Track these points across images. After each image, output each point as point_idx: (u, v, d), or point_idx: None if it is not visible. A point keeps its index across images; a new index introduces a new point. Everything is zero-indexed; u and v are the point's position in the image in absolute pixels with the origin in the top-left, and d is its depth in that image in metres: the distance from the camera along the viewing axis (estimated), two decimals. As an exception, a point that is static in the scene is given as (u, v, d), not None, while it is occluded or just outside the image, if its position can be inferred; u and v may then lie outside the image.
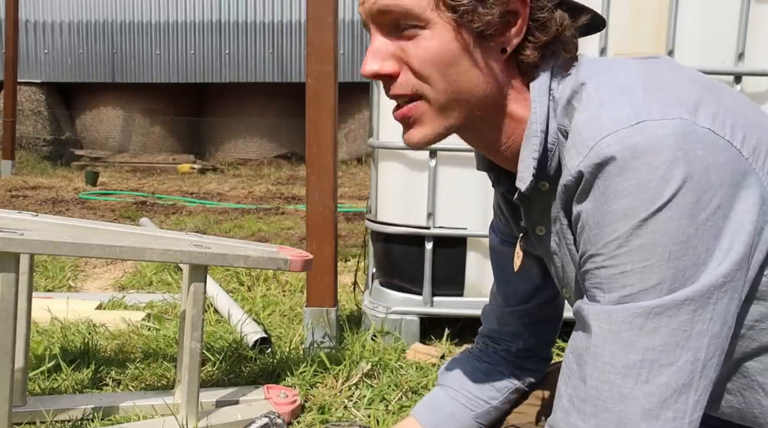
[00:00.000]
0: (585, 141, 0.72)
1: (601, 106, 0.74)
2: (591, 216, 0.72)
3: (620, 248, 0.69)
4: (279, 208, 5.78)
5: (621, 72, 0.78)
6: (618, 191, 0.68)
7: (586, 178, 0.72)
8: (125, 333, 2.21)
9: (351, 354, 1.96)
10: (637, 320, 0.69)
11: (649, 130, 0.68)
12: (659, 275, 0.68)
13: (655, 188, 0.67)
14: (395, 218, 2.20)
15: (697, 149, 0.68)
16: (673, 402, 0.68)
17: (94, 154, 10.02)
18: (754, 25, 1.99)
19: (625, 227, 0.69)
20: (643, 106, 0.71)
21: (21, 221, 1.55)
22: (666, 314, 0.68)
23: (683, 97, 0.72)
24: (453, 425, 1.15)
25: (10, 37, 7.12)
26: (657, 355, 0.68)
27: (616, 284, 0.70)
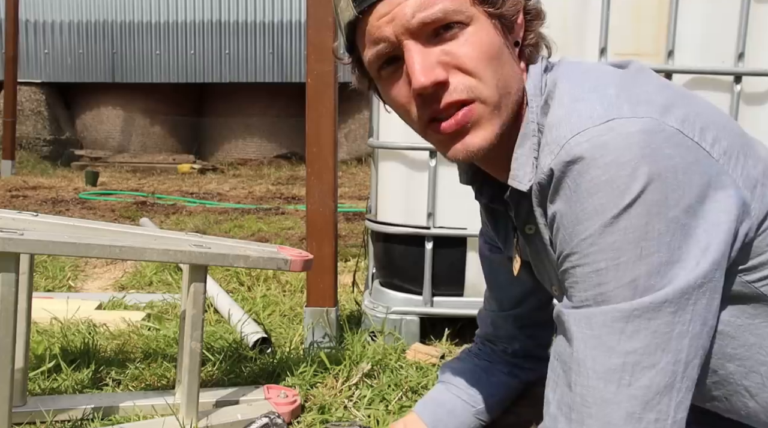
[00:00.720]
0: (556, 139, 0.73)
1: (573, 104, 0.75)
2: (564, 216, 0.72)
3: (593, 246, 0.70)
4: (279, 208, 5.78)
5: (595, 72, 0.79)
6: (588, 189, 0.69)
7: (557, 176, 0.72)
8: (125, 332, 2.21)
9: (351, 354, 1.96)
10: (617, 323, 0.69)
11: (619, 127, 0.69)
12: (633, 273, 0.68)
13: (623, 185, 0.67)
14: (395, 218, 2.20)
15: (664, 148, 0.68)
16: (656, 404, 0.68)
17: (94, 154, 10.02)
18: (754, 25, 1.99)
19: (596, 225, 0.69)
20: (615, 104, 0.72)
21: (21, 221, 1.55)
22: (645, 316, 0.68)
23: (654, 99, 0.73)
24: (453, 421, 1.15)
25: (10, 36, 7.11)
26: (638, 358, 0.68)
27: (591, 282, 0.70)
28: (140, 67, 10.45)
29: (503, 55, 0.79)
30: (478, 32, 0.77)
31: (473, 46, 0.77)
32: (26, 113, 9.91)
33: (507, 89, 0.80)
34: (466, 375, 1.18)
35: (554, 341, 0.77)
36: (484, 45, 0.77)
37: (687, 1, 1.99)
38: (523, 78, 0.83)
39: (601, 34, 1.99)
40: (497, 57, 0.78)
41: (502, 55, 0.79)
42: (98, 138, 10.78)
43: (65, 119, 10.69)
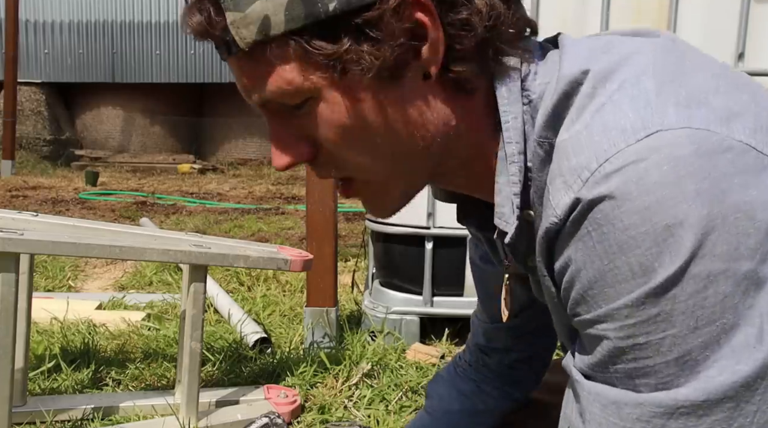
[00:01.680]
0: (575, 169, 0.53)
1: (594, 113, 0.54)
2: (584, 270, 0.54)
3: (629, 318, 0.52)
4: (279, 208, 5.78)
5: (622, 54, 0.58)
6: (621, 242, 0.50)
7: (574, 219, 0.53)
8: (125, 332, 2.21)
9: (351, 354, 1.96)
10: (656, 419, 0.51)
11: (665, 148, 0.50)
12: (683, 348, 0.50)
13: (673, 237, 0.49)
14: (395, 218, 2.20)
15: (732, 177, 0.49)
16: None
17: (94, 154, 10.02)
18: (754, 25, 1.99)
19: (636, 292, 0.51)
20: (655, 106, 0.52)
21: (21, 221, 1.55)
22: (696, 413, 0.50)
23: (710, 97, 0.53)
24: None
25: (10, 36, 7.12)
26: None
27: (625, 357, 0.53)
28: (140, 67, 10.45)
29: (373, 125, 0.59)
30: (327, 110, 0.59)
31: (325, 127, 0.60)
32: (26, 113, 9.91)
33: (393, 158, 0.62)
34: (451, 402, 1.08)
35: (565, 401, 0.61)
36: (335, 125, 0.59)
37: (687, 1, 1.99)
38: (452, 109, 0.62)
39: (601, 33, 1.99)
40: (363, 132, 0.60)
41: (371, 125, 0.59)
42: (98, 138, 10.78)
43: (65, 119, 10.69)
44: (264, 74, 0.59)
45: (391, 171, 0.64)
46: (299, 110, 0.60)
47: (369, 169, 0.63)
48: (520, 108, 0.61)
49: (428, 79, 0.59)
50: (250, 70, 0.60)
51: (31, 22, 10.25)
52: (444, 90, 0.61)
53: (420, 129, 0.61)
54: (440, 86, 0.61)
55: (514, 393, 1.06)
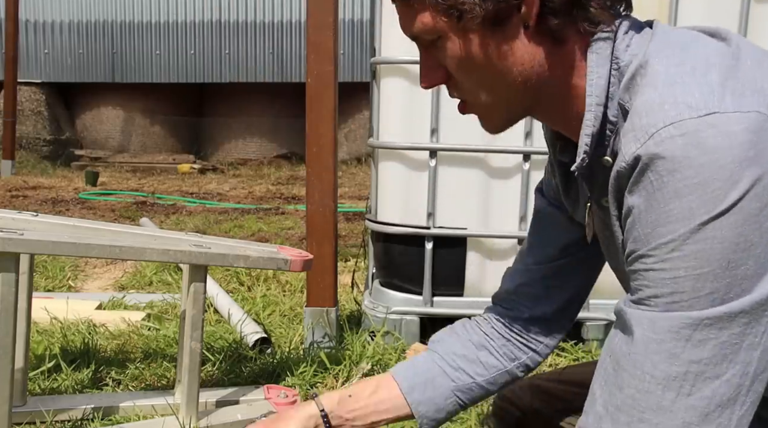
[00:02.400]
0: (645, 127, 0.66)
1: (668, 87, 0.67)
2: (644, 213, 0.66)
3: (674, 252, 0.64)
4: (279, 208, 5.78)
5: (696, 50, 0.72)
6: (677, 189, 0.63)
7: (640, 168, 0.66)
8: (125, 332, 2.21)
9: (351, 354, 1.96)
10: (684, 330, 0.64)
11: (720, 124, 0.62)
12: (713, 285, 0.63)
13: (719, 190, 0.61)
14: (395, 218, 2.20)
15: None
16: (716, 416, 0.64)
17: (94, 154, 10.02)
18: (754, 25, 1.99)
19: (681, 230, 0.63)
20: (717, 93, 0.65)
21: (21, 221, 1.55)
22: (716, 325, 0.63)
23: (764, 87, 0.66)
24: (430, 392, 1.05)
25: (10, 36, 7.11)
26: (703, 368, 0.64)
27: (665, 290, 0.65)
28: (140, 67, 10.44)
29: (485, 61, 0.78)
30: (451, 47, 0.79)
31: (450, 59, 0.80)
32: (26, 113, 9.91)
33: (499, 90, 0.80)
34: (456, 346, 1.09)
35: (610, 335, 0.73)
36: (455, 58, 0.79)
37: (687, 2, 1.99)
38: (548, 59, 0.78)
39: (601, 34, 2.00)
40: (476, 66, 0.79)
41: (483, 61, 0.78)
42: (98, 138, 10.77)
43: (65, 119, 10.69)
44: (412, 16, 0.79)
45: (492, 99, 0.82)
46: (435, 45, 0.80)
47: (476, 95, 0.82)
48: (607, 70, 0.76)
49: (528, 29, 0.76)
50: (404, 13, 0.81)
51: (31, 22, 10.25)
52: (541, 39, 0.77)
53: (518, 67, 0.78)
54: (538, 36, 0.77)
55: (520, 356, 1.08)
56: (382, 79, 2.18)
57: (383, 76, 2.17)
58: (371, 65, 2.28)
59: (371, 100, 2.32)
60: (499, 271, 2.19)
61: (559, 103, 0.82)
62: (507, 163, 2.13)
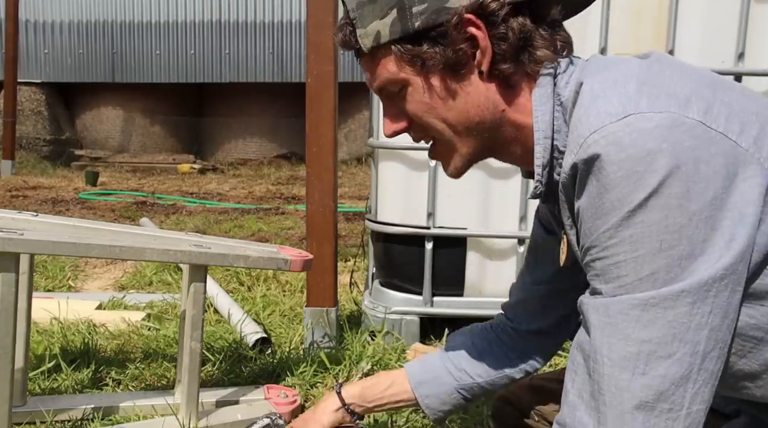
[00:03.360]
0: (576, 138, 0.74)
1: (592, 102, 0.76)
2: (586, 210, 0.74)
3: (612, 239, 0.70)
4: (279, 208, 5.78)
5: (619, 67, 0.80)
6: (607, 184, 0.70)
7: (579, 175, 0.74)
8: (125, 332, 2.21)
9: (351, 354, 1.96)
10: (633, 311, 0.69)
11: (635, 123, 0.70)
12: (651, 266, 0.68)
13: (641, 179, 0.68)
14: (395, 218, 2.20)
15: (684, 141, 0.68)
16: (670, 394, 0.68)
17: (94, 154, 10.02)
18: (754, 25, 1.99)
19: (614, 218, 0.70)
20: (633, 99, 0.72)
21: (21, 221, 1.55)
22: (662, 305, 0.68)
23: (675, 91, 0.73)
24: (435, 388, 1.19)
25: (10, 36, 7.11)
26: (654, 347, 0.69)
27: (611, 275, 0.71)
28: (140, 67, 10.44)
29: (445, 101, 0.87)
30: (414, 92, 0.88)
31: (413, 105, 0.89)
32: (26, 113, 9.91)
33: (459, 127, 0.88)
34: (461, 349, 1.21)
35: (578, 331, 0.78)
36: (418, 102, 0.88)
37: (687, 2, 1.99)
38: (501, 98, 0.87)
39: (601, 34, 2.00)
40: (436, 106, 0.87)
41: (444, 101, 0.87)
42: (98, 138, 10.78)
43: (65, 119, 10.69)
44: (377, 68, 0.89)
45: (456, 134, 0.89)
46: (399, 94, 0.89)
47: (441, 131, 0.89)
48: (550, 106, 0.84)
49: (482, 74, 0.85)
50: (370, 67, 0.90)
51: (31, 22, 10.25)
52: (494, 83, 0.86)
53: (474, 108, 0.87)
54: (491, 79, 0.86)
55: (518, 364, 1.19)
56: (382, 79, 2.18)
57: (383, 76, 2.17)
58: (371, 65, 2.28)
59: (371, 100, 2.32)
60: (498, 271, 2.21)
61: (513, 141, 0.90)
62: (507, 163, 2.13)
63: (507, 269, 2.19)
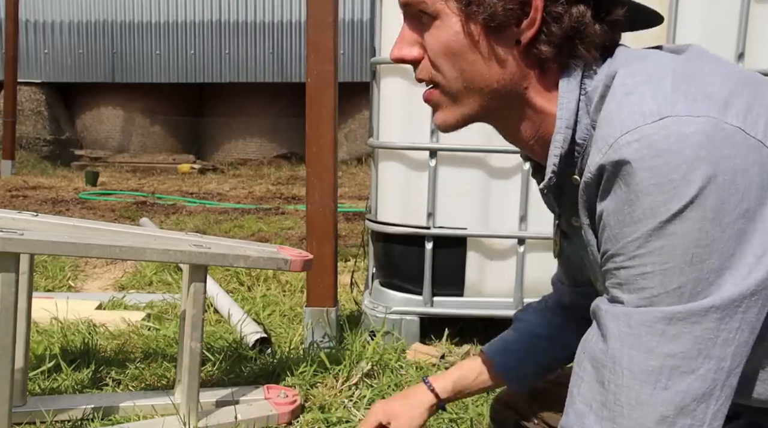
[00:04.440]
0: (605, 137, 0.71)
1: (625, 97, 0.72)
2: (612, 215, 0.70)
3: (640, 249, 0.68)
4: (279, 208, 5.78)
5: (652, 61, 0.76)
6: (638, 190, 0.67)
7: (606, 176, 0.70)
8: (125, 332, 2.21)
9: (351, 354, 1.96)
10: (658, 324, 0.67)
11: (672, 127, 0.66)
12: (680, 279, 0.66)
13: (676, 189, 0.65)
14: (395, 218, 2.20)
15: (723, 149, 0.65)
16: (691, 410, 0.67)
17: (94, 154, 10.02)
18: (754, 25, 1.99)
19: (645, 228, 0.67)
20: (669, 99, 0.69)
21: (21, 221, 1.55)
22: (690, 320, 0.66)
23: (714, 92, 0.69)
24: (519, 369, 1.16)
25: (10, 36, 7.11)
26: (678, 362, 0.67)
27: (635, 286, 0.69)
28: (140, 67, 10.44)
29: (470, 53, 0.80)
30: (441, 28, 0.80)
31: (434, 40, 0.81)
32: (26, 113, 9.91)
33: (471, 84, 0.81)
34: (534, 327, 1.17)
35: (585, 336, 0.76)
36: (442, 41, 0.80)
37: (687, 1, 1.99)
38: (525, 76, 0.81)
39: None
40: (459, 54, 0.80)
41: (468, 53, 0.80)
42: (98, 138, 10.78)
43: (65, 119, 10.69)
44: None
45: (465, 90, 0.82)
46: (426, 20, 0.81)
47: (451, 80, 0.82)
48: (576, 95, 0.79)
49: (518, 45, 0.79)
50: None
51: (31, 22, 10.25)
52: (525, 59, 0.80)
53: (498, 75, 0.80)
54: (524, 55, 0.80)
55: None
56: (382, 79, 2.18)
57: (383, 76, 2.17)
58: (371, 65, 2.28)
59: (371, 100, 2.32)
60: (499, 271, 2.21)
61: (524, 122, 0.84)
62: (507, 163, 2.13)
63: (507, 269, 2.19)
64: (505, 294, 2.21)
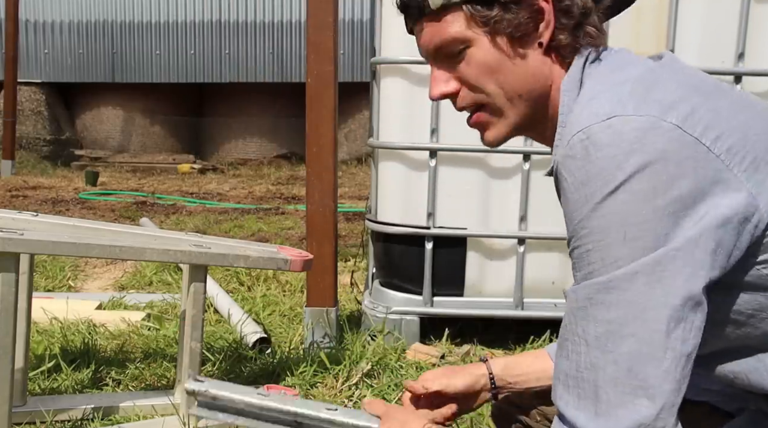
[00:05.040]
0: (565, 136, 0.79)
1: (588, 101, 0.80)
2: (564, 204, 0.79)
3: (583, 229, 0.75)
4: (279, 208, 5.78)
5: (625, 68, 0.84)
6: (582, 179, 0.75)
7: (559, 169, 0.79)
8: (125, 332, 2.21)
9: (351, 354, 1.96)
10: (597, 295, 0.74)
11: (616, 125, 0.74)
12: (616, 254, 0.73)
13: (609, 175, 0.73)
14: (395, 218, 2.20)
15: (657, 143, 0.72)
16: (639, 370, 0.72)
17: (94, 154, 10.02)
18: (754, 25, 1.99)
19: (585, 210, 0.75)
20: (622, 102, 0.76)
21: (21, 221, 1.55)
22: (621, 287, 0.73)
23: (663, 97, 0.76)
24: None
25: (10, 36, 7.11)
26: (617, 327, 0.73)
27: (582, 263, 0.76)
28: (140, 67, 10.44)
29: (504, 65, 0.88)
30: (477, 52, 0.88)
31: (472, 66, 0.89)
32: (26, 113, 9.91)
33: (512, 94, 0.89)
34: None
35: None
36: (480, 61, 0.89)
37: (687, 1, 1.99)
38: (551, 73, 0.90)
39: (601, 34, 1.99)
40: (496, 69, 0.89)
41: (503, 65, 0.88)
42: (98, 138, 10.78)
43: (65, 119, 10.69)
44: (442, 27, 0.89)
45: (508, 102, 0.90)
46: (458, 56, 0.89)
47: (494, 94, 0.90)
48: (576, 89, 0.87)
49: (541, 45, 0.88)
50: (432, 25, 0.90)
51: (31, 22, 10.25)
52: (549, 56, 0.89)
53: (532, 77, 0.89)
54: (547, 53, 0.89)
55: None
56: (382, 79, 2.18)
57: (383, 76, 2.17)
58: (371, 65, 2.28)
59: (371, 100, 2.32)
60: (499, 271, 2.21)
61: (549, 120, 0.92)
62: (507, 163, 2.13)
63: (507, 269, 2.19)
64: (505, 294, 2.21)
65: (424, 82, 2.14)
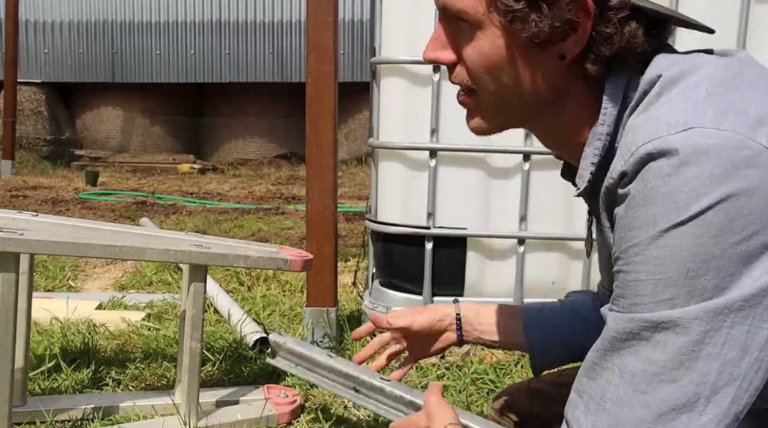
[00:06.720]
0: (629, 145, 0.69)
1: (656, 107, 0.71)
2: (621, 219, 0.70)
3: (637, 256, 0.67)
4: (279, 208, 5.78)
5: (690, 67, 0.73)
6: (646, 197, 0.66)
7: (624, 182, 0.69)
8: (125, 332, 2.21)
9: (351, 354, 1.96)
10: (645, 332, 0.67)
11: (695, 138, 0.64)
12: (672, 291, 0.65)
13: (683, 201, 0.63)
14: (395, 218, 2.20)
15: (744, 168, 0.63)
16: (670, 419, 0.66)
17: (94, 154, 10.02)
18: (754, 25, 1.99)
19: (644, 235, 0.66)
20: (699, 109, 0.67)
21: (21, 221, 1.55)
22: (674, 330, 0.65)
23: (748, 109, 0.67)
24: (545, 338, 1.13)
25: (10, 36, 7.11)
26: (659, 369, 0.66)
27: (629, 291, 0.68)
28: (140, 67, 10.44)
29: (510, 67, 0.78)
30: (483, 39, 0.78)
31: (475, 51, 0.79)
32: (26, 113, 9.91)
33: (508, 97, 0.80)
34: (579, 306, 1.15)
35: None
36: (483, 53, 0.78)
37: (687, 1, 1.99)
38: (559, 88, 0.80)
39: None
40: (500, 67, 0.78)
41: (509, 66, 0.78)
42: (98, 138, 10.77)
43: (65, 119, 10.69)
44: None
45: (502, 102, 0.82)
46: (463, 26, 0.79)
47: (489, 91, 0.81)
48: (619, 103, 0.77)
49: (563, 60, 0.76)
50: None
51: (31, 22, 10.25)
52: (571, 72, 0.78)
53: (538, 86, 0.79)
54: (568, 70, 0.78)
55: None
56: (382, 79, 2.18)
57: (383, 76, 2.17)
58: (371, 65, 2.28)
59: (371, 100, 2.32)
60: (499, 271, 2.21)
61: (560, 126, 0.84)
62: (507, 163, 2.13)
63: (507, 269, 2.19)
64: (505, 294, 2.21)
65: (425, 82, 2.15)
